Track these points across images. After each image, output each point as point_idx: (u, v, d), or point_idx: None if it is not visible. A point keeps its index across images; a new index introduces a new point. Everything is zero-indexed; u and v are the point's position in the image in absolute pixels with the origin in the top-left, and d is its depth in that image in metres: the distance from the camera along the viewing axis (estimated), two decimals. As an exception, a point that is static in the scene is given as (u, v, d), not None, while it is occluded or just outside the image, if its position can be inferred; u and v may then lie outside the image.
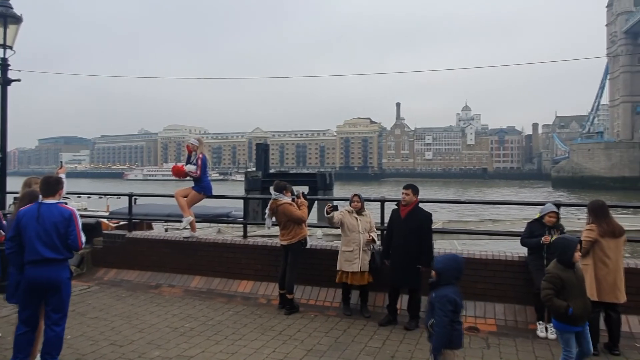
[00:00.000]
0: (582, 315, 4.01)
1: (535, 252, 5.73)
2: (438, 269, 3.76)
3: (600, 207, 5.23)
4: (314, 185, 23.88)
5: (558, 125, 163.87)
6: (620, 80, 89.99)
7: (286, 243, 6.50)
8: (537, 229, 5.71)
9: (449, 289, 3.69)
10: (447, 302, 3.63)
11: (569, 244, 4.08)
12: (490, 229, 12.04)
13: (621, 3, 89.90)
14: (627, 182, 77.25)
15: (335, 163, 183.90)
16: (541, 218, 5.73)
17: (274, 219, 6.70)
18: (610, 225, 5.09)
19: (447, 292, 3.66)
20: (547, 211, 5.72)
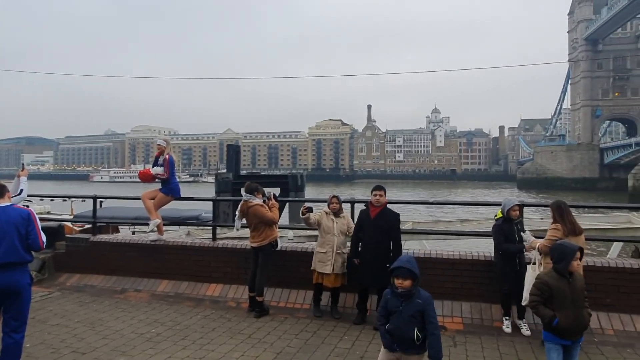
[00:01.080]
0: (570, 328, 3.73)
1: (507, 254, 5.72)
2: (417, 273, 3.50)
3: (563, 206, 5.42)
4: (285, 186, 23.76)
5: (523, 128, 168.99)
6: (581, 85, 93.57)
7: (257, 245, 6.45)
8: (508, 228, 5.73)
9: (422, 290, 3.57)
10: (432, 300, 3.54)
11: (567, 252, 3.79)
12: (459, 229, 12.28)
13: (582, 11, 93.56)
14: (587, 182, 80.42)
15: (307, 164, 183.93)
16: (506, 215, 5.76)
17: (244, 220, 6.64)
18: (572, 224, 5.28)
19: (427, 294, 3.54)
20: (511, 205, 5.77)
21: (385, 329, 3.54)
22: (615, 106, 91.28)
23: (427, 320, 3.44)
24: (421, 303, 3.47)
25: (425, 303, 3.48)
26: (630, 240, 9.33)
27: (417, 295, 3.49)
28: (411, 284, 3.47)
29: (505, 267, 5.72)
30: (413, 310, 3.45)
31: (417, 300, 3.47)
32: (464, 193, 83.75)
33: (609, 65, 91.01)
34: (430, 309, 3.47)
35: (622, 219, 10.83)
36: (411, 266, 3.48)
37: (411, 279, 3.48)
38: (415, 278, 3.47)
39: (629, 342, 5.28)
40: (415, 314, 3.44)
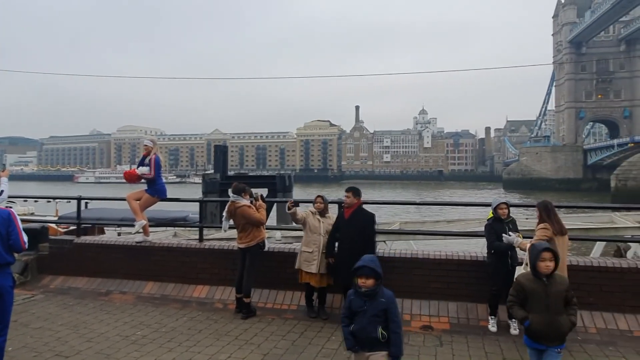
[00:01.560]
0: (542, 332, 3.63)
1: (499, 253, 5.76)
2: (380, 272, 3.45)
3: (549, 207, 5.51)
4: (273, 187, 23.77)
5: (509, 129, 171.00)
6: (565, 87, 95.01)
7: (244, 246, 6.43)
8: (499, 227, 5.78)
9: (386, 289, 3.52)
10: (394, 303, 3.49)
11: (534, 253, 3.74)
12: (445, 229, 12.38)
13: (566, 14, 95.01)
14: (571, 183, 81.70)
15: (295, 165, 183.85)
16: (495, 214, 5.87)
17: (232, 221, 6.61)
18: (558, 224, 5.37)
19: (390, 292, 3.50)
20: (497, 203, 5.90)
21: (349, 330, 3.50)
22: (599, 108, 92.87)
23: (391, 318, 3.43)
24: (385, 302, 3.45)
25: (389, 302, 3.46)
26: (612, 240, 9.50)
27: (380, 294, 3.46)
28: (374, 283, 3.44)
29: (497, 266, 5.76)
30: (377, 309, 3.42)
31: (381, 300, 3.45)
32: (451, 194, 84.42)
33: (592, 67, 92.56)
34: (393, 307, 3.46)
35: (604, 219, 11.03)
36: (374, 265, 3.45)
37: (374, 278, 3.44)
38: (378, 277, 3.44)
39: (611, 340, 5.37)
40: (379, 313, 3.42)
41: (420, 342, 5.38)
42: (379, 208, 33.57)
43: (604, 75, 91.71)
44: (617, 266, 5.96)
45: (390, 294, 3.50)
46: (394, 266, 6.61)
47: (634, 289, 5.78)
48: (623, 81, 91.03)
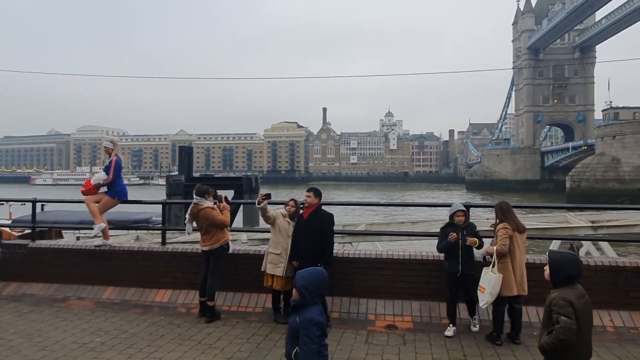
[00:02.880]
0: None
1: (450, 256, 5.77)
2: (300, 287, 3.07)
3: (505, 207, 5.72)
4: (239, 189, 23.45)
5: (471, 132, 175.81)
6: (524, 92, 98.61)
7: (207, 249, 6.33)
8: (452, 230, 5.77)
9: (315, 309, 3.03)
10: (314, 326, 2.96)
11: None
12: (410, 229, 12.59)
13: (525, 22, 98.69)
14: (529, 184, 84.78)
15: (262, 167, 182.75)
16: (451, 219, 5.87)
17: (195, 224, 6.50)
18: (516, 222, 5.58)
19: (313, 315, 2.98)
20: (454, 210, 5.85)
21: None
22: (555, 112, 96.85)
23: (299, 343, 3.06)
24: (297, 322, 3.08)
25: (301, 325, 3.04)
26: (566, 239, 9.89)
27: (303, 312, 3.09)
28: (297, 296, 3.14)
29: (448, 270, 5.78)
30: (292, 328, 3.14)
31: (296, 318, 3.12)
32: (416, 195, 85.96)
33: (549, 73, 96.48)
34: (304, 332, 3.00)
35: (560, 218, 11.50)
36: (303, 282, 3.10)
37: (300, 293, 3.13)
38: (301, 294, 3.10)
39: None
40: (294, 333, 3.12)
41: (385, 341, 5.45)
42: (346, 209, 33.87)
43: (560, 81, 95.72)
44: (570, 264, 6.22)
45: (305, 317, 3.02)
46: (359, 267, 6.68)
47: (585, 285, 5.97)
48: (577, 87, 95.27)
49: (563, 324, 3.00)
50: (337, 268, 6.42)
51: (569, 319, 3.00)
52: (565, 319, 3.01)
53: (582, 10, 78.55)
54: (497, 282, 5.30)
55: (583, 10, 78.63)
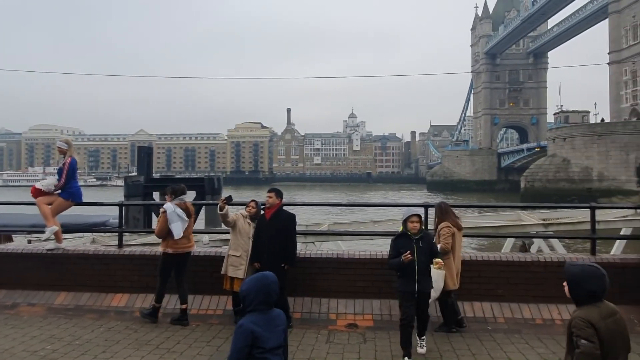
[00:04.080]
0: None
1: (404, 273, 4.95)
2: (241, 293, 2.96)
3: (444, 206, 6.12)
4: (201, 190, 23.10)
5: (432, 134, 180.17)
6: (482, 95, 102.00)
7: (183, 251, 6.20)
8: (404, 244, 4.97)
9: (249, 317, 2.88)
10: (241, 333, 2.82)
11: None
12: (372, 229, 12.77)
13: (482, 27, 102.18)
14: (486, 184, 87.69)
15: (225, 167, 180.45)
16: (404, 227, 5.06)
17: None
18: (454, 221, 5.91)
19: (244, 322, 2.86)
20: (408, 215, 5.03)
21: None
22: (511, 115, 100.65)
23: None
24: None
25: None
26: (519, 236, 10.33)
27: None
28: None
29: (402, 290, 5.04)
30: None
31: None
32: (378, 195, 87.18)
33: (505, 77, 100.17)
34: (233, 338, 2.90)
35: (514, 217, 11.96)
36: (244, 288, 2.98)
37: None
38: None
39: (517, 329, 5.84)
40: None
41: (345, 340, 5.52)
42: (310, 210, 33.89)
43: (515, 85, 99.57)
44: (522, 260, 6.51)
45: (238, 323, 2.92)
46: (321, 267, 6.73)
47: (536, 280, 6.33)
48: (531, 91, 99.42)
49: (583, 349, 2.60)
50: (300, 268, 6.45)
51: (589, 342, 2.59)
52: (585, 343, 2.60)
53: (536, 18, 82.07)
54: (440, 277, 5.51)
55: (536, 18, 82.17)
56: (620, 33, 59.22)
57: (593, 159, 51.21)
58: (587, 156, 51.88)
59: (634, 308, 6.07)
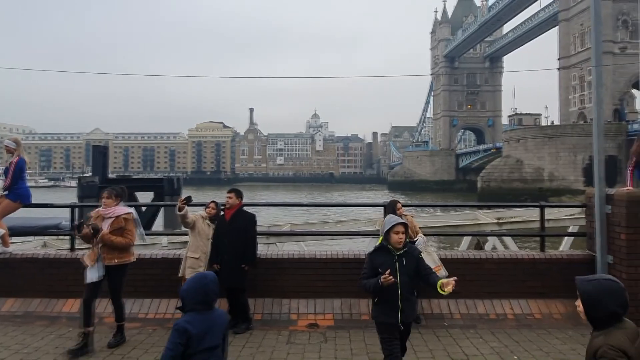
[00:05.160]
0: None
1: (383, 300, 3.81)
2: (180, 292, 2.97)
3: (393, 204, 6.36)
4: (160, 190, 22.59)
5: (394, 134, 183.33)
6: (441, 97, 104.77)
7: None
8: (384, 261, 3.80)
9: (185, 317, 2.90)
10: (175, 331, 2.81)
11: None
12: (334, 229, 12.87)
13: (441, 31, 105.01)
14: (446, 184, 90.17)
15: (186, 167, 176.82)
16: (386, 239, 3.85)
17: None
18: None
19: (179, 321, 2.87)
20: (392, 224, 3.81)
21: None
22: (468, 117, 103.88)
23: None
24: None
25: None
26: (475, 235, 10.68)
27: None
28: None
29: (382, 322, 3.88)
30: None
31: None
32: (341, 195, 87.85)
33: (463, 80, 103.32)
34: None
35: (470, 216, 12.37)
36: (184, 287, 3.00)
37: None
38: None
39: (472, 324, 6.05)
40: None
41: (306, 340, 5.54)
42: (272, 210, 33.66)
43: (473, 88, 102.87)
44: (477, 258, 6.74)
45: (174, 324, 2.93)
46: (282, 267, 6.72)
47: (489, 277, 6.57)
48: (487, 94, 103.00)
49: None
50: (261, 269, 6.42)
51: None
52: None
53: (492, 24, 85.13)
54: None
55: (492, 24, 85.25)
56: (569, 40, 62.28)
57: (544, 160, 53.72)
58: (539, 157, 54.36)
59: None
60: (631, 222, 5.92)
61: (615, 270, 6.14)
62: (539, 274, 6.61)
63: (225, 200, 6.12)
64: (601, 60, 6.73)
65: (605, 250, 6.26)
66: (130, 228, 5.34)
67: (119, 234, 5.26)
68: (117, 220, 5.28)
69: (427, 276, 3.88)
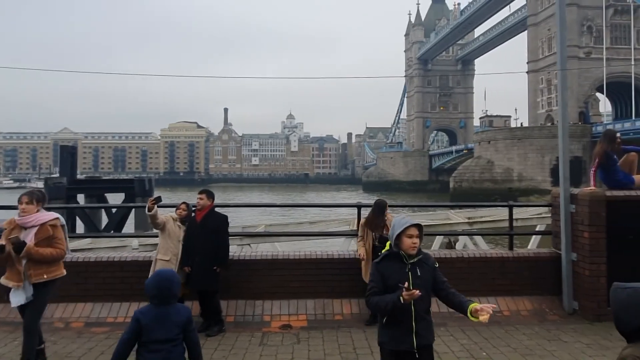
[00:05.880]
0: None
1: (394, 320, 3.09)
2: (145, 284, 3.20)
3: (385, 204, 6.45)
4: (131, 191, 22.14)
5: (368, 135, 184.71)
6: (414, 99, 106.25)
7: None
8: (395, 270, 3.10)
9: (144, 307, 3.14)
10: (131, 318, 3.10)
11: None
12: (309, 229, 12.86)
13: (415, 34, 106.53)
14: (419, 185, 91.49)
15: (159, 168, 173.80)
16: (394, 246, 3.14)
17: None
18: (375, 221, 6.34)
19: (136, 310, 3.16)
20: (405, 226, 3.10)
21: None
22: (441, 118, 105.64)
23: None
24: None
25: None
26: (447, 234, 10.86)
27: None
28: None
29: (391, 350, 3.15)
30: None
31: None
32: (315, 195, 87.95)
33: (436, 82, 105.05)
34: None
35: (442, 216, 12.56)
36: (145, 284, 3.22)
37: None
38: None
39: (443, 322, 6.13)
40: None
41: (279, 341, 5.52)
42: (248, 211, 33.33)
43: (445, 90, 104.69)
44: (448, 257, 6.85)
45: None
46: (255, 268, 6.68)
47: (460, 276, 6.68)
48: (459, 96, 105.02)
49: None
50: (233, 271, 6.37)
51: None
52: None
53: (464, 27, 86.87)
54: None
55: (464, 27, 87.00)
56: (538, 44, 64.08)
57: (514, 161, 55.15)
58: (509, 158, 55.77)
59: (546, 298, 6.62)
60: (593, 221, 6.13)
61: (578, 267, 6.36)
62: (507, 272, 6.78)
63: (197, 201, 6.04)
64: (566, 64, 6.96)
65: (570, 248, 6.47)
66: (60, 236, 4.54)
67: (46, 244, 4.43)
68: (42, 229, 4.43)
69: (448, 294, 3.19)
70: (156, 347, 3.01)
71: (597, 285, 6.10)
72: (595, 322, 5.98)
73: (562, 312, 6.44)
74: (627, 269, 5.93)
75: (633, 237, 6.14)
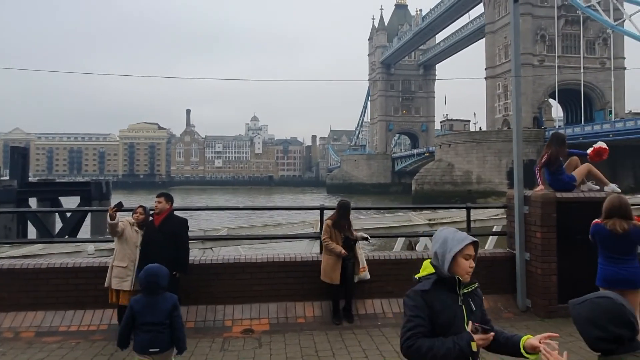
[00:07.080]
0: None
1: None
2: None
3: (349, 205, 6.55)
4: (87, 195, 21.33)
5: (332, 138, 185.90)
6: (378, 102, 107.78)
7: None
8: (446, 301, 2.36)
9: (137, 296, 4.03)
10: (129, 306, 3.96)
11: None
12: (272, 232, 12.78)
13: (378, 38, 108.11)
14: (382, 187, 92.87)
15: (117, 170, 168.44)
16: (448, 269, 2.34)
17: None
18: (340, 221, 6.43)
19: (132, 298, 4.10)
20: (464, 244, 2.33)
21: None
22: (403, 122, 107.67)
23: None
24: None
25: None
26: (408, 236, 11.06)
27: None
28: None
29: None
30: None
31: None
32: (280, 198, 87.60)
33: (399, 86, 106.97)
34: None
35: (404, 217, 12.79)
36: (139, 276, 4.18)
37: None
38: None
39: (404, 322, 6.25)
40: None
41: (240, 346, 5.46)
42: (211, 214, 32.83)
43: (407, 94, 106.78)
44: (409, 258, 6.98)
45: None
46: (217, 273, 6.56)
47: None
48: (421, 100, 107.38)
49: None
50: (194, 275, 6.24)
51: None
52: None
53: (425, 33, 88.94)
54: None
55: (426, 33, 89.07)
56: (495, 51, 66.41)
57: (473, 164, 56.89)
58: (468, 161, 57.48)
59: (501, 297, 6.85)
60: (545, 222, 6.40)
61: (531, 266, 6.62)
62: (465, 272, 6.96)
63: (154, 205, 5.86)
64: (520, 71, 7.25)
65: (524, 248, 6.72)
66: None
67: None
68: None
69: (496, 330, 2.40)
70: (148, 329, 3.77)
71: (549, 283, 6.37)
72: (547, 319, 6.24)
73: (516, 309, 6.68)
74: (575, 267, 6.23)
75: (581, 237, 6.44)
